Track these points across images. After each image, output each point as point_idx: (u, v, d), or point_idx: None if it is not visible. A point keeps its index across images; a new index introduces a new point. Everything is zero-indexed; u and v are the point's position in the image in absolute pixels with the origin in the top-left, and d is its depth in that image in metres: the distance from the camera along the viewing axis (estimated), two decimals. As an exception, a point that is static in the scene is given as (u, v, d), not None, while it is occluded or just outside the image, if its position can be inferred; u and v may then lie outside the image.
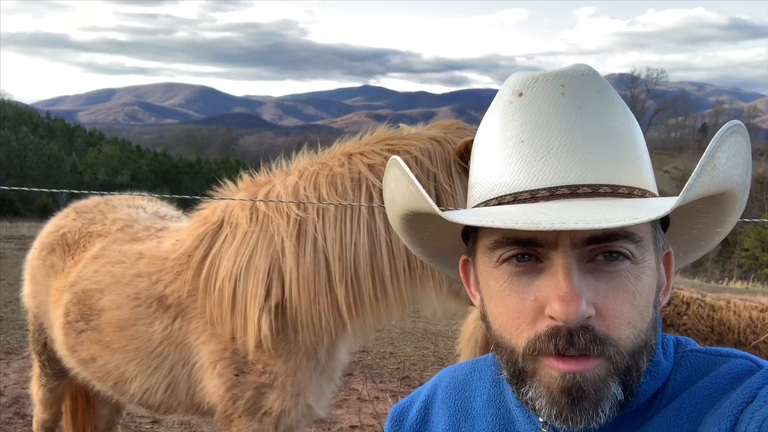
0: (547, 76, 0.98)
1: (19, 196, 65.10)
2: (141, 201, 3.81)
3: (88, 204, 3.75)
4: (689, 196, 0.83)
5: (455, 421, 1.15)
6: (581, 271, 0.88)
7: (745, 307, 3.92)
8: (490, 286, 0.97)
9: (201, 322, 2.85)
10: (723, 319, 3.87)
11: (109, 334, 3.03)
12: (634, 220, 0.80)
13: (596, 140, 0.93)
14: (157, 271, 3.00)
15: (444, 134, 2.66)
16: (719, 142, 0.85)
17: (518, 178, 0.94)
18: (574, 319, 0.85)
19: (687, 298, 4.02)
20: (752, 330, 3.80)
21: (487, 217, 0.89)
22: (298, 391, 2.79)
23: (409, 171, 0.98)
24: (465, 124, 2.78)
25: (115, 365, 3.04)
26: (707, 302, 3.98)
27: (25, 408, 5.70)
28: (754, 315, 3.86)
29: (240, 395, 2.80)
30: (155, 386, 2.98)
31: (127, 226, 3.41)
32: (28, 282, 3.74)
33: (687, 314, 3.92)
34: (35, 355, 3.85)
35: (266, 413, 2.81)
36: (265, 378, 2.78)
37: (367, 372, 7.44)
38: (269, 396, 2.78)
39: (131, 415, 5.74)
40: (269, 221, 2.75)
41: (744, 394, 0.86)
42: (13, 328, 8.46)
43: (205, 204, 3.13)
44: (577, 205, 0.88)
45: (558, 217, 0.83)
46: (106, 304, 3.06)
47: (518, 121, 0.96)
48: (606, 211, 0.84)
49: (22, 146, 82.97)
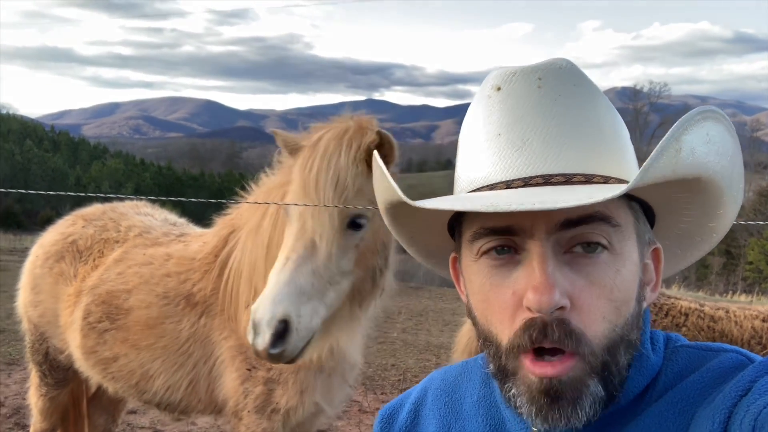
0: (525, 70, 0.99)
1: (23, 209, 65.31)
2: (146, 208, 3.92)
3: (95, 212, 3.83)
4: (648, 176, 0.83)
5: (446, 422, 1.15)
6: (558, 262, 0.89)
7: (746, 316, 3.83)
8: (472, 281, 0.98)
9: (224, 318, 2.97)
10: (725, 330, 3.78)
11: (137, 333, 3.15)
12: (591, 199, 0.81)
13: (572, 131, 0.94)
14: (186, 270, 3.14)
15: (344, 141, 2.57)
16: (685, 125, 0.84)
17: (495, 170, 0.96)
18: (547, 308, 0.86)
19: (685, 309, 3.92)
20: (757, 341, 3.70)
21: (449, 202, 0.91)
22: (302, 389, 2.86)
23: (382, 163, 1.00)
24: (369, 123, 2.66)
25: (139, 363, 3.16)
26: (707, 313, 3.89)
27: (26, 419, 5.68)
28: (756, 325, 3.77)
29: (251, 390, 2.90)
30: (178, 383, 3.10)
31: (145, 231, 3.56)
32: (27, 291, 3.74)
33: (686, 325, 3.82)
34: (34, 365, 3.84)
35: (274, 410, 2.88)
36: (272, 374, 2.88)
37: (368, 383, 7.41)
38: (276, 392, 2.87)
39: (131, 425, 5.73)
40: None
41: (737, 387, 0.85)
42: (15, 339, 8.45)
43: (231, 208, 3.27)
44: (543, 191, 0.89)
45: (517, 200, 0.84)
46: (135, 304, 3.19)
47: (496, 115, 0.98)
48: (568, 193, 0.85)
49: (26, 159, 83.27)
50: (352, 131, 2.53)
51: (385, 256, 2.61)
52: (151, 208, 3.98)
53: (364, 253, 2.51)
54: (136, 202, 4.04)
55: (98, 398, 4.19)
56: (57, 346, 3.66)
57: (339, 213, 2.39)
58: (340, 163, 2.44)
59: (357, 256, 2.48)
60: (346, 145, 2.47)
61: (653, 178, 0.84)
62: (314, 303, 2.35)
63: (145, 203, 4.04)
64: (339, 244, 2.41)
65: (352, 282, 2.50)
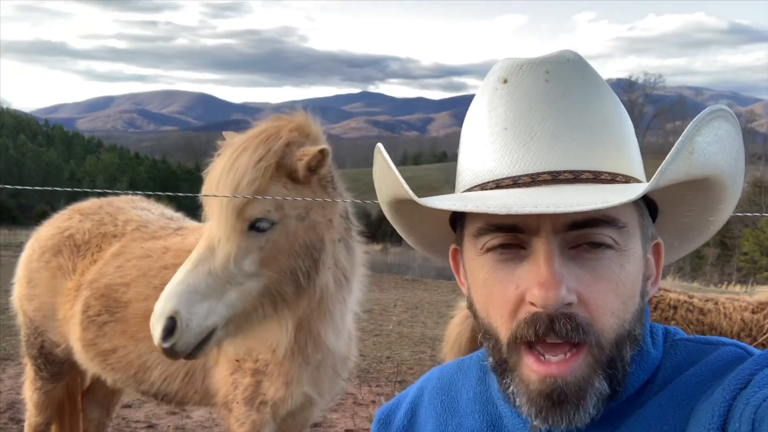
0: (532, 63, 0.97)
1: (18, 203, 65.08)
2: (142, 203, 3.94)
3: (92, 206, 3.84)
4: (663, 179, 0.83)
5: (442, 420, 1.14)
6: (563, 258, 0.88)
7: (735, 308, 3.81)
8: (475, 275, 0.97)
9: None
10: (714, 323, 3.76)
11: (136, 324, 3.19)
12: (606, 203, 0.80)
13: (580, 126, 0.93)
14: (183, 262, 3.14)
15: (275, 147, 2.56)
16: (698, 126, 0.84)
17: (501, 164, 0.94)
18: (553, 305, 0.85)
19: (674, 302, 3.89)
20: (747, 333, 3.69)
21: (460, 202, 0.89)
22: (287, 380, 2.88)
23: (389, 158, 0.98)
24: (301, 124, 2.65)
25: (137, 354, 3.20)
26: (695, 305, 3.86)
27: (20, 413, 5.68)
28: (746, 317, 3.75)
29: (240, 381, 2.93)
30: (174, 374, 3.15)
31: (142, 226, 3.59)
32: (23, 285, 3.74)
33: (675, 319, 3.79)
34: (29, 359, 3.84)
35: (263, 402, 2.91)
36: (258, 365, 2.91)
37: (363, 376, 7.42)
38: (264, 383, 2.90)
39: (126, 420, 5.73)
40: None
41: (737, 381, 0.85)
42: (9, 334, 8.43)
43: None
44: (554, 190, 0.88)
45: (531, 201, 0.83)
46: (133, 296, 3.23)
47: (502, 108, 0.96)
48: (580, 195, 0.84)
49: (20, 154, 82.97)
50: (265, 134, 2.54)
51: (311, 257, 2.59)
52: (147, 202, 3.99)
53: (274, 255, 2.52)
54: (132, 196, 4.05)
55: (93, 392, 4.20)
56: (53, 340, 3.66)
57: (236, 215, 2.43)
58: (241, 165, 2.46)
59: (262, 257, 2.49)
60: (253, 147, 2.49)
61: (668, 181, 0.84)
62: (211, 302, 2.41)
63: (141, 198, 4.04)
64: (239, 246, 2.44)
65: (264, 284, 2.52)
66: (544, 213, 0.81)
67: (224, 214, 2.43)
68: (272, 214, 2.48)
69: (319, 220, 2.60)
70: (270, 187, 2.49)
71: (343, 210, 2.78)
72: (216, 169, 2.54)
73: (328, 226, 2.65)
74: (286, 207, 2.52)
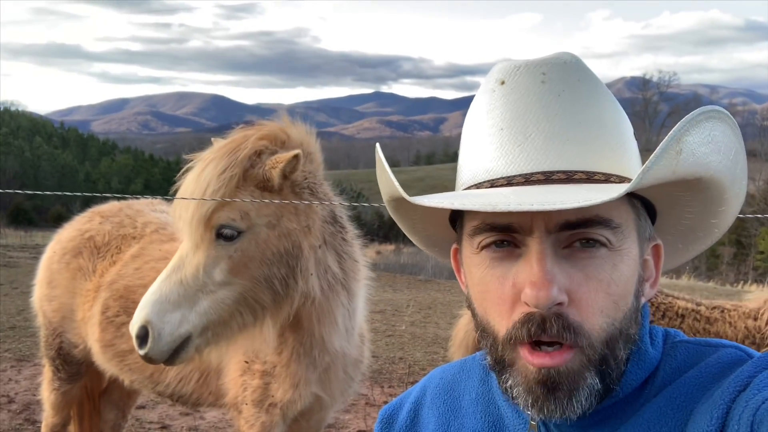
0: (529, 65, 0.99)
1: (34, 205, 65.72)
2: (161, 205, 4.00)
3: (112, 209, 3.91)
4: (647, 178, 0.83)
5: (445, 420, 1.15)
6: (556, 258, 0.89)
7: (739, 316, 3.78)
8: (472, 273, 0.98)
9: None
10: (719, 333, 3.74)
11: None
12: (588, 201, 0.81)
13: (575, 127, 0.94)
14: None
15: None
16: (687, 126, 0.84)
17: (497, 164, 0.95)
18: (544, 305, 0.86)
19: (682, 310, 3.87)
20: (751, 341, 3.66)
21: (448, 200, 0.91)
22: (295, 382, 2.88)
23: (383, 157, 1.01)
24: (278, 132, 2.67)
25: None
26: (702, 314, 3.84)
27: (36, 414, 5.74)
28: (749, 324, 3.72)
29: (249, 382, 2.95)
30: (189, 375, 3.18)
31: (161, 228, 3.64)
32: (43, 286, 3.80)
33: (682, 328, 3.77)
34: (47, 360, 3.89)
35: (272, 404, 2.91)
36: (266, 367, 2.92)
37: (375, 377, 7.43)
38: (272, 385, 2.91)
39: (140, 420, 5.77)
40: None
41: (736, 383, 0.85)
42: (25, 335, 8.53)
43: None
44: (544, 190, 0.89)
45: (516, 200, 0.84)
46: None
47: (499, 110, 0.97)
48: (566, 194, 0.85)
49: (36, 156, 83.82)
50: (232, 145, 2.57)
51: (287, 265, 2.58)
52: (165, 205, 4.04)
53: (244, 264, 2.51)
54: (151, 199, 4.11)
55: (109, 393, 4.26)
56: (71, 341, 3.72)
57: (203, 224, 2.46)
58: (206, 176, 2.50)
59: (231, 266, 2.49)
60: (218, 159, 2.52)
61: (652, 180, 0.84)
62: (183, 311, 2.45)
63: (160, 200, 4.09)
64: (208, 255, 2.47)
65: (238, 292, 2.52)
66: (528, 211, 0.82)
67: (192, 224, 2.47)
68: (237, 222, 2.49)
69: (292, 227, 2.58)
70: (236, 197, 2.51)
71: (329, 215, 2.76)
72: (185, 182, 2.58)
73: (305, 232, 2.62)
74: (252, 215, 2.51)
